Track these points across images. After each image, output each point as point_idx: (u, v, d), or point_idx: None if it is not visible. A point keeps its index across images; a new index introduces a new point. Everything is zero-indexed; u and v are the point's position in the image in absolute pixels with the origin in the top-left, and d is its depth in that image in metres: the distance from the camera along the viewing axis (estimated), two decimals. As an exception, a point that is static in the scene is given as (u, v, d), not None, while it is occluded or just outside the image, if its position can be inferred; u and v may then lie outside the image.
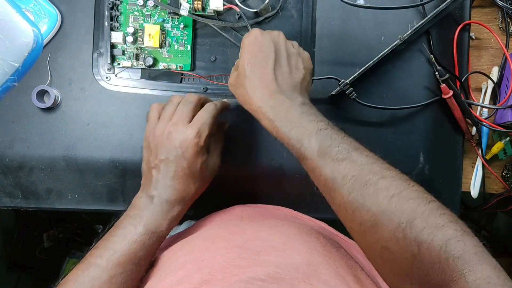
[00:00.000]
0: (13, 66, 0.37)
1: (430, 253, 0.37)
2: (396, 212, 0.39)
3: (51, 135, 0.61)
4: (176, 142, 0.50)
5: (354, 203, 0.41)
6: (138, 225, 0.49)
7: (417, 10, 0.62)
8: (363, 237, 0.42)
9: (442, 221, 0.38)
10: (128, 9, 0.61)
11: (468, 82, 0.66)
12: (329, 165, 0.42)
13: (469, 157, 0.67)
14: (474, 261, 0.35)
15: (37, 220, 1.18)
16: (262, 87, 0.47)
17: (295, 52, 0.50)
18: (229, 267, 0.39)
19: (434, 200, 0.40)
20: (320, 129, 0.44)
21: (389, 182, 0.40)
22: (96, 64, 0.61)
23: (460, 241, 0.36)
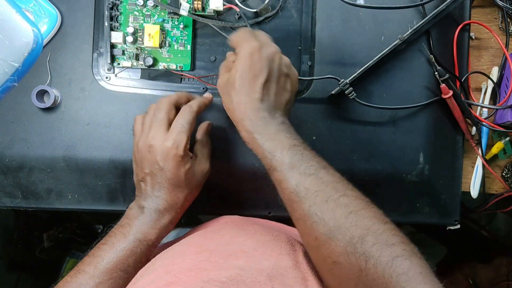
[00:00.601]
0: (13, 66, 0.37)
1: (376, 268, 0.38)
2: (351, 228, 0.40)
3: (51, 135, 0.61)
4: (157, 155, 0.51)
5: (313, 216, 0.42)
6: (127, 233, 0.51)
7: (417, 10, 0.62)
8: (317, 251, 0.43)
9: (393, 240, 0.39)
10: (128, 9, 0.61)
11: (468, 82, 0.66)
12: (295, 178, 0.44)
13: (469, 157, 0.67)
14: (418, 279, 0.37)
15: (37, 220, 1.18)
16: (246, 103, 0.48)
17: (285, 73, 0.51)
18: (195, 269, 0.40)
19: (390, 222, 0.42)
20: (294, 145, 0.46)
21: (350, 201, 0.42)
22: (96, 64, 0.61)
23: (407, 260, 0.38)
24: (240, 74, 0.48)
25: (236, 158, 0.62)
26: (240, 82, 0.48)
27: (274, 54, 0.49)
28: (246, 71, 0.48)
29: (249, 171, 0.62)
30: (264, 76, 0.48)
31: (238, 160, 0.62)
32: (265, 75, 0.48)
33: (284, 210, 0.62)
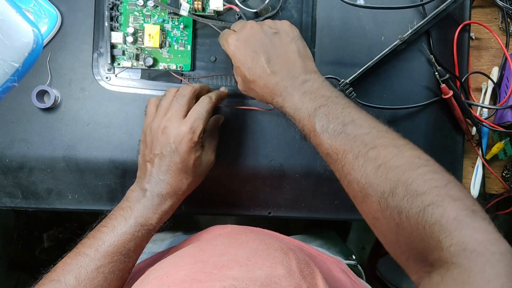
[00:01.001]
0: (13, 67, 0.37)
1: (410, 221, 0.37)
2: (381, 182, 0.40)
3: (51, 135, 0.61)
4: (171, 137, 0.51)
5: (347, 176, 0.43)
6: (129, 217, 0.50)
7: (417, 10, 0.62)
8: (360, 208, 0.44)
9: (424, 187, 0.37)
10: (128, 9, 0.61)
11: (468, 82, 0.66)
12: (326, 141, 0.45)
13: (469, 157, 0.67)
14: (452, 226, 0.34)
15: (37, 220, 1.18)
16: (266, 85, 0.49)
17: (274, 33, 0.51)
18: (188, 281, 0.39)
19: (426, 164, 0.40)
20: (319, 106, 0.46)
21: (379, 152, 0.41)
22: (96, 64, 0.61)
23: (440, 207, 0.36)
24: (243, 67, 0.50)
25: (236, 158, 0.62)
26: (248, 73, 0.50)
27: (251, 29, 0.50)
28: (244, 62, 0.50)
29: (249, 171, 0.62)
30: (259, 53, 0.49)
31: (238, 160, 0.62)
32: (259, 51, 0.49)
33: (284, 210, 0.63)
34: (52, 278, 0.48)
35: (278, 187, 0.63)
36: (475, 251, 0.33)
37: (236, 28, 0.52)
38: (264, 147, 0.62)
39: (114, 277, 0.49)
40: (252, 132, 0.62)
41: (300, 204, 0.63)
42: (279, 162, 0.62)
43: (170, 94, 0.54)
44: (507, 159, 0.67)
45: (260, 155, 0.62)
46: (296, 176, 0.62)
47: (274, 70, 0.49)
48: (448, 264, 0.33)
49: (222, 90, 0.59)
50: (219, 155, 0.61)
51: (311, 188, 0.63)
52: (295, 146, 0.62)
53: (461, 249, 0.33)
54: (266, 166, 0.62)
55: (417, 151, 0.41)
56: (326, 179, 0.63)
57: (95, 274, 0.47)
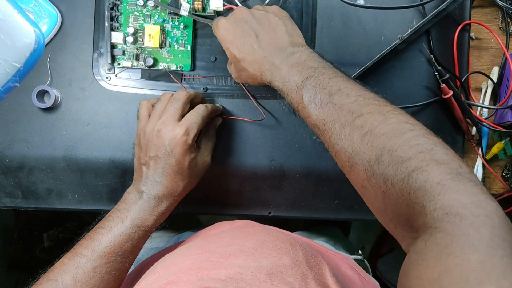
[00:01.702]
0: (15, 67, 0.37)
1: (395, 188, 0.36)
2: (367, 150, 0.39)
3: (51, 135, 0.61)
4: (165, 140, 0.52)
5: (335, 146, 0.42)
6: (125, 218, 0.51)
7: (417, 10, 0.62)
8: (349, 178, 0.43)
9: (409, 153, 0.37)
10: (128, 9, 0.61)
11: (468, 82, 0.66)
12: (314, 112, 0.44)
13: (469, 157, 0.67)
14: (436, 191, 0.34)
15: (37, 220, 1.18)
16: (254, 61, 0.50)
17: (262, 13, 0.52)
18: (195, 269, 0.40)
19: (412, 128, 0.39)
20: (307, 78, 0.46)
21: (365, 120, 0.41)
22: (96, 64, 0.61)
23: (424, 172, 0.35)
24: (232, 47, 0.51)
25: (236, 158, 0.62)
26: (237, 51, 0.51)
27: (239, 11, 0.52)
28: (233, 42, 0.51)
29: (249, 171, 0.62)
30: (247, 31, 0.51)
31: (238, 160, 0.62)
32: (247, 29, 0.51)
33: (284, 210, 0.63)
34: (50, 278, 0.48)
35: (278, 187, 0.63)
36: (458, 215, 0.32)
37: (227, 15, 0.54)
38: (264, 147, 0.62)
39: (111, 277, 0.50)
40: (252, 132, 0.62)
41: (300, 204, 0.63)
42: (279, 162, 0.62)
43: (165, 98, 0.55)
44: (507, 159, 0.67)
45: (260, 155, 0.62)
46: (296, 176, 0.62)
47: (262, 46, 0.50)
48: (431, 229, 0.33)
49: (218, 106, 0.60)
50: (219, 155, 0.61)
51: (311, 188, 0.63)
52: (295, 146, 0.62)
53: (444, 213, 0.32)
54: (266, 166, 0.62)
55: (404, 116, 0.41)
56: (326, 179, 0.63)
57: (92, 274, 0.48)
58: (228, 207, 0.63)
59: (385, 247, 1.19)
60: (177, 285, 0.38)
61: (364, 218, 0.64)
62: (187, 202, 0.62)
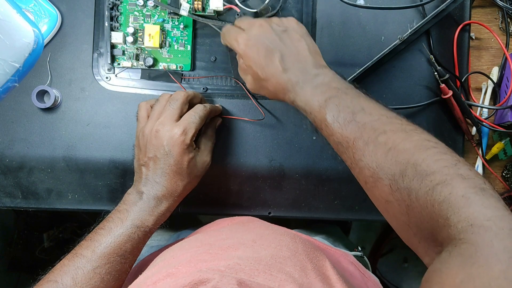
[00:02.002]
0: (14, 67, 0.37)
1: (418, 201, 0.37)
2: (391, 165, 0.40)
3: (51, 135, 0.61)
4: (163, 140, 0.52)
5: (358, 162, 0.43)
6: (125, 219, 0.51)
7: (417, 10, 0.62)
8: (371, 194, 0.44)
9: (433, 167, 0.38)
10: (128, 9, 0.61)
11: (468, 82, 0.66)
12: (338, 131, 0.45)
13: (469, 157, 0.67)
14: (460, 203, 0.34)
15: (37, 220, 1.18)
16: (278, 82, 0.50)
17: (283, 30, 0.51)
18: (194, 261, 0.40)
19: (435, 146, 0.40)
20: (330, 98, 0.46)
21: (388, 137, 0.42)
22: (96, 64, 0.61)
23: (448, 185, 0.36)
24: (255, 66, 0.50)
25: (236, 158, 0.62)
26: (260, 71, 0.50)
27: (260, 27, 0.50)
28: (256, 61, 0.50)
29: (249, 171, 0.62)
30: (270, 51, 0.49)
31: (238, 160, 0.62)
32: (271, 48, 0.49)
33: (284, 210, 0.63)
34: (50, 279, 0.48)
35: (278, 187, 0.63)
36: (483, 226, 0.32)
37: (243, 25, 0.52)
38: (264, 147, 0.62)
39: (111, 278, 0.50)
40: (252, 132, 0.62)
41: (300, 204, 0.63)
42: (279, 162, 0.62)
43: (163, 99, 0.55)
44: (507, 159, 0.67)
45: (260, 155, 0.62)
46: (296, 176, 0.62)
47: (286, 67, 0.49)
48: (456, 240, 0.33)
49: (217, 106, 0.60)
50: (220, 155, 0.61)
51: (311, 188, 0.63)
52: (295, 146, 0.62)
53: (469, 225, 0.33)
54: (266, 166, 0.62)
55: (426, 134, 0.42)
56: (326, 179, 0.63)
57: (91, 275, 0.48)
58: (228, 207, 0.63)
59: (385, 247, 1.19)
60: (176, 276, 0.38)
61: (364, 218, 0.64)
62: (187, 202, 0.62)
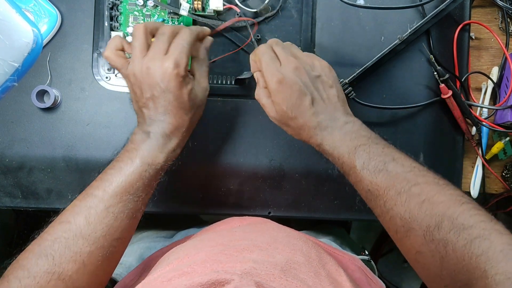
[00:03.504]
0: (13, 66, 0.37)
1: (456, 253, 0.38)
2: (426, 217, 0.41)
3: (51, 135, 0.61)
4: (157, 77, 0.48)
5: (389, 211, 0.44)
6: (135, 158, 0.50)
7: (417, 10, 0.62)
8: (400, 243, 0.44)
9: (470, 222, 0.39)
10: (128, 9, 0.61)
11: (468, 82, 0.66)
12: (367, 178, 0.46)
13: (469, 157, 0.67)
14: (499, 258, 0.36)
15: (37, 220, 1.18)
16: (305, 124, 0.50)
17: (316, 76, 0.51)
18: (209, 261, 0.40)
19: (469, 202, 0.41)
20: (360, 145, 0.47)
21: (421, 189, 0.42)
22: (96, 64, 0.61)
23: (486, 240, 0.37)
24: (286, 105, 0.50)
25: (236, 158, 0.62)
26: (291, 111, 0.50)
27: (296, 72, 0.50)
28: (289, 101, 0.49)
29: (249, 171, 0.62)
30: (304, 94, 0.49)
31: (238, 160, 0.62)
32: (305, 92, 0.50)
33: (284, 210, 0.63)
34: (62, 220, 0.48)
35: (278, 187, 0.63)
36: None
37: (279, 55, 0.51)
38: (264, 147, 0.62)
39: (124, 216, 0.49)
40: (252, 132, 0.62)
41: (300, 204, 0.63)
42: (279, 162, 0.62)
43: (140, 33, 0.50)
44: (507, 159, 0.67)
45: (260, 155, 0.62)
46: (296, 176, 0.62)
47: (316, 111, 0.50)
48: None
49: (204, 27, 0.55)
50: (219, 155, 0.61)
51: (311, 188, 0.63)
52: (295, 146, 0.62)
53: (506, 278, 0.34)
54: (266, 166, 0.62)
55: (459, 190, 0.43)
56: (326, 179, 0.63)
57: (104, 214, 0.47)
58: (228, 207, 0.63)
59: (385, 247, 1.19)
60: (192, 276, 0.38)
61: (364, 218, 0.64)
62: (187, 202, 0.62)
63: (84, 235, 0.46)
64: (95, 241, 0.46)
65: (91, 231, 0.46)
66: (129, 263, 0.65)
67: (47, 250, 0.46)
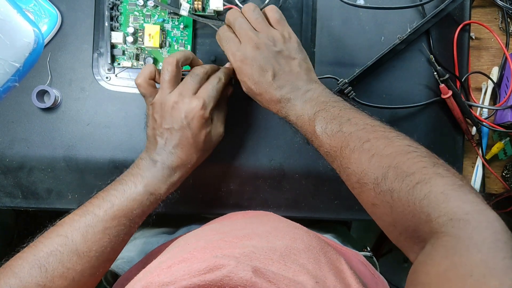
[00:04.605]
0: (14, 66, 0.37)
1: (401, 200, 0.39)
2: (375, 170, 0.42)
3: (51, 135, 0.61)
4: (182, 112, 0.52)
5: (345, 169, 0.46)
6: (139, 184, 0.52)
7: (417, 10, 0.62)
8: (360, 199, 0.46)
9: (413, 168, 0.40)
10: (128, 9, 0.61)
11: (468, 82, 0.66)
12: (326, 141, 0.48)
13: (469, 157, 0.67)
14: (440, 199, 0.37)
15: (37, 220, 1.18)
16: (271, 99, 0.52)
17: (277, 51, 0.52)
18: (209, 247, 0.41)
19: (416, 150, 0.42)
20: (319, 111, 0.49)
21: (372, 144, 0.44)
22: (96, 64, 0.61)
23: (427, 183, 0.38)
24: (250, 83, 0.52)
25: (236, 158, 0.62)
26: (255, 87, 0.52)
27: (255, 48, 0.51)
28: (251, 78, 0.52)
29: (249, 171, 0.62)
30: (265, 71, 0.51)
31: (238, 160, 0.62)
32: (266, 69, 0.51)
33: (284, 210, 0.63)
34: (60, 233, 0.49)
35: (278, 187, 0.63)
36: (462, 220, 0.35)
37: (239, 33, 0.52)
38: (264, 147, 0.62)
39: (119, 239, 0.50)
40: (252, 132, 0.62)
41: (300, 204, 0.63)
42: (279, 162, 0.62)
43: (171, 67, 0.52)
44: (507, 159, 0.67)
45: (260, 155, 0.62)
46: (296, 176, 0.62)
47: (279, 85, 0.51)
48: (438, 234, 0.36)
49: (229, 67, 0.58)
50: (219, 155, 0.61)
51: (311, 188, 0.63)
52: (295, 146, 0.62)
53: (449, 219, 0.35)
54: (266, 166, 0.62)
55: (408, 140, 0.44)
56: (326, 179, 0.63)
57: (101, 235, 0.49)
58: (228, 207, 0.63)
59: (385, 247, 1.19)
60: (191, 261, 0.38)
61: (364, 218, 0.64)
62: (187, 202, 0.62)
63: (79, 253, 0.48)
64: (88, 260, 0.48)
65: (86, 249, 0.48)
66: (130, 258, 0.66)
67: (41, 262, 0.47)
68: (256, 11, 0.53)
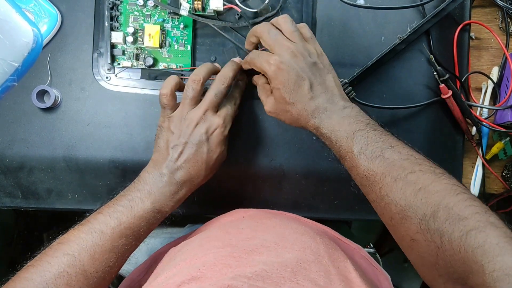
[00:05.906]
0: (13, 66, 0.37)
1: (451, 244, 0.38)
2: (422, 205, 0.41)
3: (51, 135, 0.61)
4: (203, 128, 0.52)
5: (384, 198, 0.44)
6: (146, 200, 0.51)
7: (417, 10, 0.62)
8: (395, 231, 0.44)
9: (466, 213, 0.38)
10: (128, 9, 0.61)
11: (468, 82, 0.66)
12: (363, 163, 0.46)
13: (469, 157, 0.67)
14: (495, 252, 0.35)
15: (37, 220, 1.18)
16: (304, 109, 0.50)
17: (313, 62, 0.51)
18: (219, 265, 0.40)
19: (464, 191, 0.41)
20: (358, 130, 0.47)
21: (418, 177, 0.42)
22: (96, 64, 0.61)
23: (482, 232, 0.37)
24: (284, 90, 0.50)
25: (236, 158, 0.62)
26: (289, 96, 0.50)
27: (293, 57, 0.50)
28: (287, 86, 0.50)
29: (249, 171, 0.62)
30: (302, 80, 0.50)
31: (238, 160, 0.62)
32: (303, 78, 0.50)
33: (284, 210, 0.63)
34: (66, 252, 0.47)
35: (278, 187, 0.63)
36: None
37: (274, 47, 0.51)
38: (264, 147, 0.62)
39: (123, 258, 0.50)
40: (252, 132, 0.62)
41: (300, 204, 0.63)
42: (279, 162, 0.62)
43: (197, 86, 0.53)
44: (507, 159, 0.67)
45: (260, 155, 0.62)
46: (296, 176, 0.62)
47: (314, 95, 0.50)
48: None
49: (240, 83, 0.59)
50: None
51: (311, 188, 0.63)
52: (295, 146, 0.62)
53: (504, 274, 0.34)
54: (266, 166, 0.62)
55: (454, 179, 0.42)
56: (326, 179, 0.63)
57: (109, 255, 0.48)
58: (228, 207, 0.63)
59: (385, 247, 1.19)
60: (202, 281, 0.38)
61: (364, 218, 0.64)
62: (187, 202, 0.62)
63: (87, 274, 0.47)
64: (94, 282, 0.47)
65: (93, 270, 0.47)
66: (135, 259, 0.66)
67: (49, 284, 0.45)
68: (293, 24, 0.52)
